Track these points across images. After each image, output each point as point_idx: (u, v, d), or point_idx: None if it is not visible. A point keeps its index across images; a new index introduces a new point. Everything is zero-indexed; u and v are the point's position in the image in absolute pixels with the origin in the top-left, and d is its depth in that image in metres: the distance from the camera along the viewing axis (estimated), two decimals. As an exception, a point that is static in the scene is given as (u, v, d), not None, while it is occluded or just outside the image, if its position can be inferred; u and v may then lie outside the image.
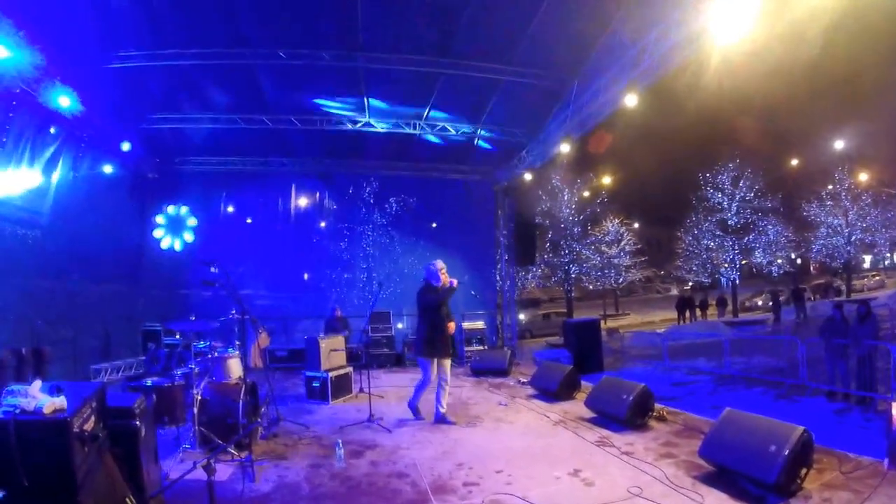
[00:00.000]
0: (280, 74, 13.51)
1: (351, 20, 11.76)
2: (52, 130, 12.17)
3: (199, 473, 4.46)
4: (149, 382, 7.70)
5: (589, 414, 8.79)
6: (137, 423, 4.89)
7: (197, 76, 13.29)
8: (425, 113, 15.54)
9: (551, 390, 10.29)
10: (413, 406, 9.16)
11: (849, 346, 11.83)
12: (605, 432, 7.83)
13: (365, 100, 14.85)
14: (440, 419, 8.76)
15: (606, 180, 38.62)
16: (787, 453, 5.33)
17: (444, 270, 9.02)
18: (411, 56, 12.89)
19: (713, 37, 9.47)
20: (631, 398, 8.02)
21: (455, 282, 9.08)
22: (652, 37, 10.76)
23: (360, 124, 15.78)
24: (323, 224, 22.51)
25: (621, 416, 8.01)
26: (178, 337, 12.40)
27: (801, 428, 5.56)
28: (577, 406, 9.50)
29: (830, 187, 38.09)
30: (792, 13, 9.22)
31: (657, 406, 8.49)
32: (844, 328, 12.11)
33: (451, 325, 9.09)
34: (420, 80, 13.89)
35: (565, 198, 36.45)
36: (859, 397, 11.34)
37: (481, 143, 17.17)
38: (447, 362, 9.03)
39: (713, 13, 9.19)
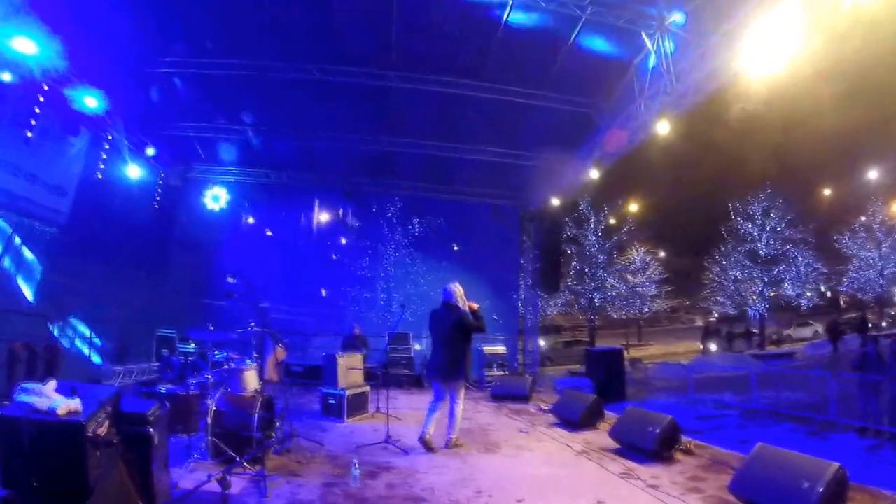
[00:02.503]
0: (311, 90, 13.48)
1: (384, 39, 11.76)
2: (78, 130, 12.21)
3: (211, 485, 4.28)
4: (163, 389, 7.58)
5: (613, 445, 8.51)
6: (151, 430, 4.76)
7: (226, 87, 13.32)
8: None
9: (574, 419, 10.02)
10: (422, 438, 8.41)
11: (882, 381, 11.48)
12: (630, 464, 7.55)
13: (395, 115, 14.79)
14: (448, 444, 8.48)
15: (634, 208, 38.28)
16: (821, 490, 5.11)
17: (462, 295, 8.62)
18: (442, 77, 12.85)
19: (748, 67, 9.42)
20: (658, 430, 7.74)
21: (475, 305, 8.72)
22: (686, 64, 10.64)
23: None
24: (344, 241, 22.48)
25: (647, 448, 7.73)
26: (192, 345, 12.30)
27: (835, 464, 5.34)
28: (600, 436, 9.22)
29: (863, 219, 37.39)
30: (826, 46, 9.14)
31: (684, 439, 8.20)
32: (879, 364, 11.77)
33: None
34: (450, 102, 13.78)
35: (591, 225, 36.10)
36: (892, 433, 10.95)
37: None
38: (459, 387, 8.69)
39: (749, 43, 9.13)
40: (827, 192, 40.88)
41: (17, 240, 11.76)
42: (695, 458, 7.80)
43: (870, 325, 35.73)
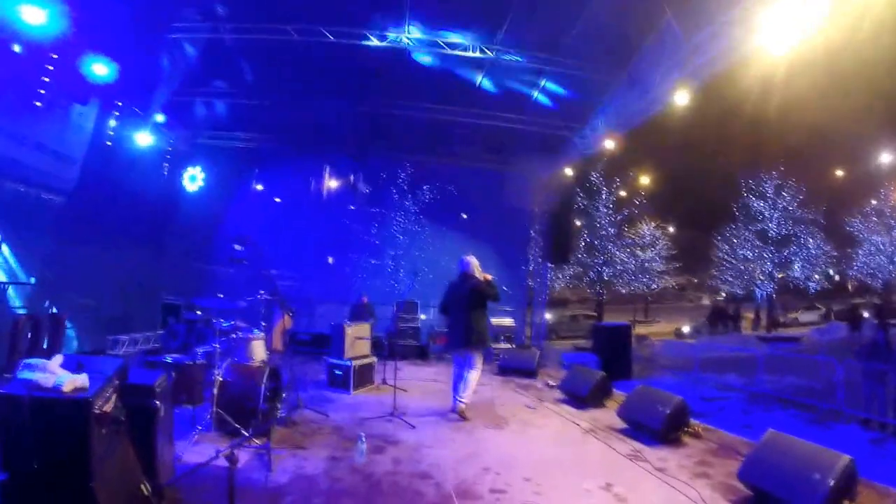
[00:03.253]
0: (320, 53, 13.28)
1: (397, 2, 11.57)
2: (87, 98, 12.07)
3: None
4: (169, 359, 7.52)
5: (620, 424, 8.44)
6: (158, 402, 4.69)
7: (237, 52, 13.13)
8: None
9: (581, 396, 9.95)
10: (454, 409, 8.84)
11: (888, 372, 11.35)
12: (638, 445, 7.49)
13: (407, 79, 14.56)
14: (454, 410, 8.76)
15: (645, 181, 37.81)
16: (831, 483, 5.03)
17: (477, 267, 9.04)
18: (458, 41, 12.66)
19: (766, 42, 9.26)
20: (668, 411, 7.66)
21: (489, 276, 9.05)
22: (707, 33, 10.42)
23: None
24: (352, 207, 22.31)
25: (656, 428, 7.65)
26: (198, 313, 12.25)
27: (846, 457, 5.25)
28: (607, 414, 9.15)
29: (875, 203, 37.00)
30: (844, 24, 8.97)
31: (692, 422, 8.12)
32: (887, 353, 11.62)
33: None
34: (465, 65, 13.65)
35: (603, 196, 35.70)
36: (896, 427, 10.87)
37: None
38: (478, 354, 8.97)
39: (768, 17, 8.96)
40: (840, 173, 40.38)
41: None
42: (702, 442, 7.72)
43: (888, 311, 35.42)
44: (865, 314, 34.60)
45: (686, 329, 35.61)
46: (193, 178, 17.25)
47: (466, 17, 12.28)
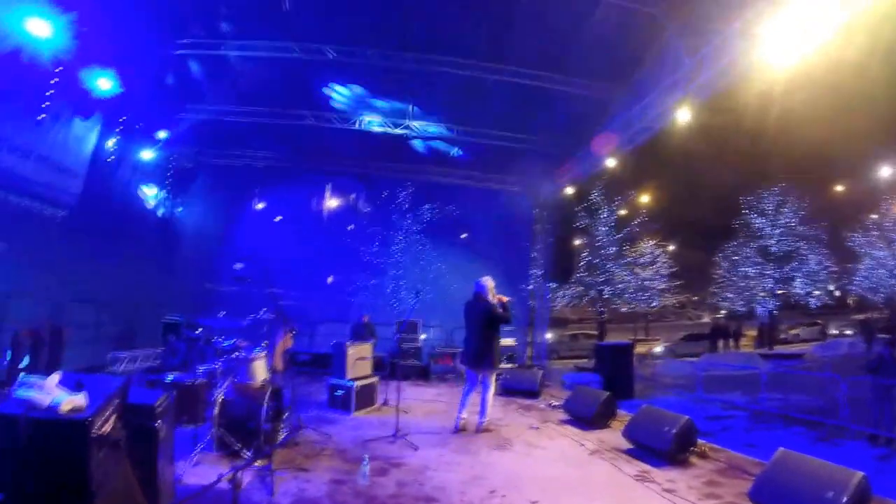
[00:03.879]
0: (327, 71, 13.32)
1: (399, 18, 11.59)
2: (90, 112, 12.07)
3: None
4: (170, 378, 7.45)
5: (626, 444, 8.32)
6: (158, 423, 4.58)
7: (241, 69, 13.16)
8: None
9: (586, 417, 9.82)
10: (457, 425, 9.20)
11: (894, 387, 11.28)
12: (645, 466, 7.37)
13: (410, 108, 14.60)
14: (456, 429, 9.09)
15: (645, 199, 37.78)
16: (845, 500, 4.95)
17: (493, 289, 9.31)
18: (460, 60, 12.67)
19: (767, 58, 9.30)
20: (675, 431, 7.55)
21: (505, 298, 9.36)
22: (708, 50, 10.44)
23: (400, 128, 15.52)
24: (352, 227, 22.28)
25: (663, 449, 7.53)
26: (198, 331, 12.14)
27: (860, 473, 5.17)
28: (613, 435, 9.02)
29: (875, 217, 36.93)
30: (844, 39, 8.99)
31: (699, 441, 8.01)
32: (893, 367, 11.55)
33: None
34: (467, 83, 13.61)
35: (604, 215, 35.70)
36: (903, 443, 10.77)
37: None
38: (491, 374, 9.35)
39: (769, 33, 9.02)
40: (839, 188, 40.40)
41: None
42: (710, 462, 7.59)
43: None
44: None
45: (658, 349, 35.32)
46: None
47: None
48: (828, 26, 8.64)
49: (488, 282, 9.30)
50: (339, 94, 14.74)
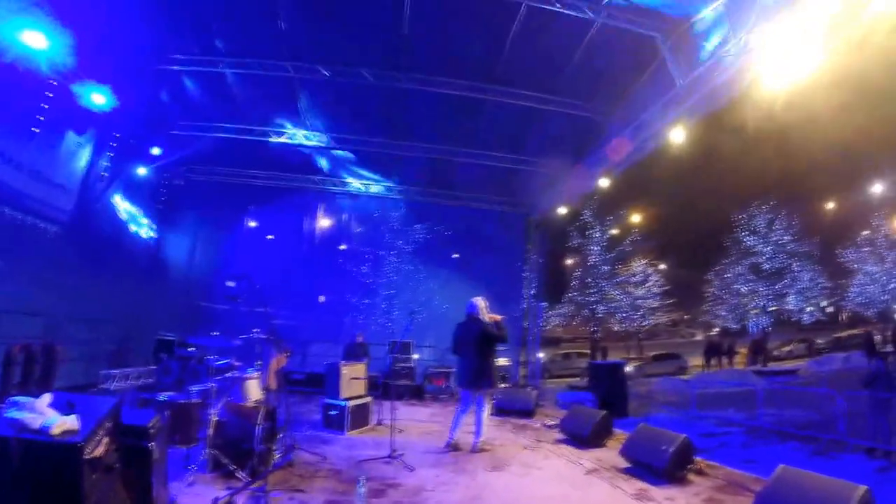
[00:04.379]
0: (319, 90, 13.34)
1: (394, 39, 11.62)
2: (84, 127, 12.04)
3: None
4: (163, 397, 7.36)
5: (623, 463, 8.25)
6: (152, 444, 4.50)
7: (235, 86, 13.17)
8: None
9: (583, 436, 9.75)
10: (449, 443, 9.15)
11: (892, 399, 11.27)
12: (643, 484, 7.29)
13: (402, 120, 14.63)
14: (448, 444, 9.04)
15: (636, 218, 37.94)
16: (849, 516, 4.84)
17: (485, 308, 9.30)
18: (454, 80, 12.73)
19: (760, 78, 9.41)
20: (672, 449, 7.49)
21: (498, 317, 9.40)
22: (700, 72, 10.53)
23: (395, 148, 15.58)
24: (344, 246, 22.25)
25: (661, 467, 7.47)
26: (191, 349, 12.04)
27: (862, 487, 5.12)
28: (610, 454, 8.95)
29: (867, 233, 37.14)
30: (834, 60, 9.09)
31: (696, 459, 7.95)
32: (889, 381, 11.57)
33: None
34: (461, 104, 13.68)
35: (596, 235, 35.82)
36: (902, 455, 10.75)
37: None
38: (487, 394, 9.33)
39: (762, 54, 9.13)
40: (831, 205, 40.72)
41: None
42: (708, 479, 7.53)
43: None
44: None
45: (629, 369, 35.14)
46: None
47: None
48: (820, 47, 8.73)
49: (480, 301, 9.30)
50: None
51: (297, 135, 15.35)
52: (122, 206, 14.47)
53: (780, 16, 8.79)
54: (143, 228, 16.04)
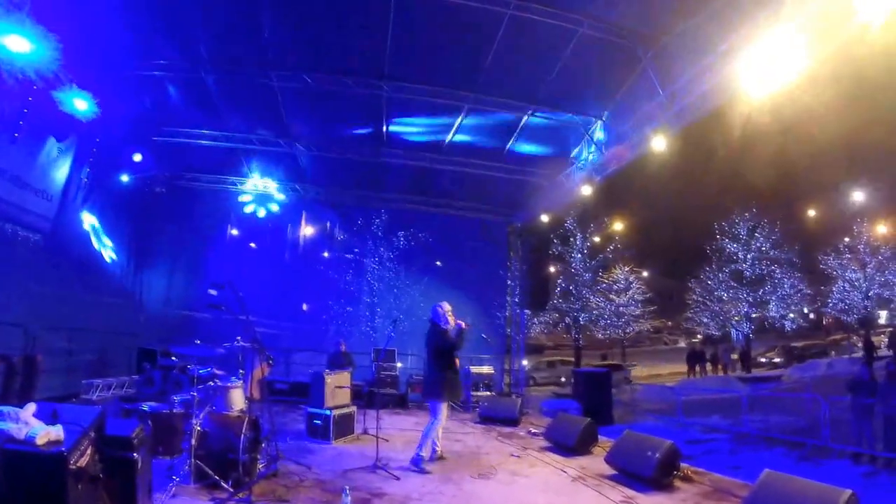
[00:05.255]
0: (301, 98, 13.30)
1: (378, 48, 11.62)
2: (66, 133, 11.91)
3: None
4: (146, 407, 7.27)
5: (609, 471, 8.25)
6: (136, 455, 4.44)
7: (218, 94, 13.10)
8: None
9: (568, 444, 9.75)
10: (421, 459, 8.41)
11: (875, 405, 11.39)
12: (629, 492, 7.29)
13: (384, 128, 14.60)
14: (416, 462, 8.31)
15: (619, 227, 38.23)
16: (836, 519, 4.87)
17: (450, 312, 8.83)
18: (436, 88, 12.75)
19: (742, 88, 9.53)
20: (658, 456, 7.50)
21: (464, 323, 8.79)
22: (682, 82, 10.62)
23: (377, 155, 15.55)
24: (326, 254, 22.19)
25: (647, 474, 7.47)
26: (173, 359, 11.93)
27: (848, 491, 5.16)
28: (595, 461, 8.96)
29: (848, 240, 37.53)
30: (816, 66, 9.19)
31: (682, 465, 7.96)
32: (873, 386, 11.69)
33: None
34: (444, 112, 13.77)
35: (578, 243, 36.01)
36: (887, 459, 10.87)
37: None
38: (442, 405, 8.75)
39: (743, 65, 9.27)
40: (812, 212, 41.19)
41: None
42: (694, 486, 7.56)
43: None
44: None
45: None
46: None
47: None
48: (800, 59, 8.83)
49: (444, 306, 8.85)
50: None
51: (280, 143, 15.31)
52: (104, 214, 14.32)
53: (761, 25, 8.86)
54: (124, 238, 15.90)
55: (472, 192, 18.00)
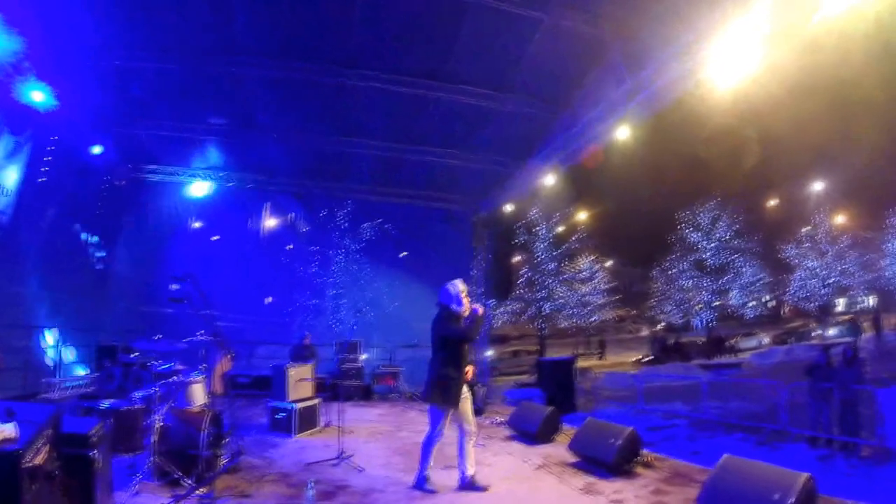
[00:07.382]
0: (265, 87, 13.16)
1: (342, 35, 11.55)
2: (22, 125, 11.63)
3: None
4: (105, 404, 7.17)
5: (572, 458, 8.36)
6: (94, 452, 4.39)
7: (181, 84, 12.90)
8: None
9: (531, 432, 9.85)
10: (425, 479, 7.06)
11: (833, 389, 11.64)
12: (591, 479, 7.40)
13: (349, 117, 14.53)
14: (467, 485, 6.99)
15: (583, 216, 38.52)
16: (792, 501, 5.04)
17: (465, 293, 7.07)
18: (402, 77, 12.71)
19: (708, 78, 9.63)
20: (619, 442, 7.61)
21: (480, 308, 7.09)
22: (648, 72, 10.72)
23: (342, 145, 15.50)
24: (291, 246, 22.02)
25: (608, 461, 7.59)
26: (134, 355, 11.76)
27: (805, 474, 5.29)
28: (558, 449, 9.05)
29: (808, 229, 38.29)
30: (779, 58, 9.34)
31: (643, 452, 8.09)
32: (829, 371, 11.96)
33: (470, 369, 7.18)
34: (410, 102, 13.69)
35: (542, 232, 36.20)
36: (842, 443, 11.14)
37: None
38: (469, 407, 7.23)
39: (710, 55, 9.36)
40: (773, 202, 41.97)
41: None
42: (655, 472, 7.68)
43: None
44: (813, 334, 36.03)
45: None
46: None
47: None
48: (764, 50, 8.99)
49: (457, 285, 7.09)
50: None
51: (245, 133, 15.16)
52: (63, 208, 14.03)
53: (728, 14, 8.99)
54: (84, 233, 15.62)
55: (438, 181, 17.97)
